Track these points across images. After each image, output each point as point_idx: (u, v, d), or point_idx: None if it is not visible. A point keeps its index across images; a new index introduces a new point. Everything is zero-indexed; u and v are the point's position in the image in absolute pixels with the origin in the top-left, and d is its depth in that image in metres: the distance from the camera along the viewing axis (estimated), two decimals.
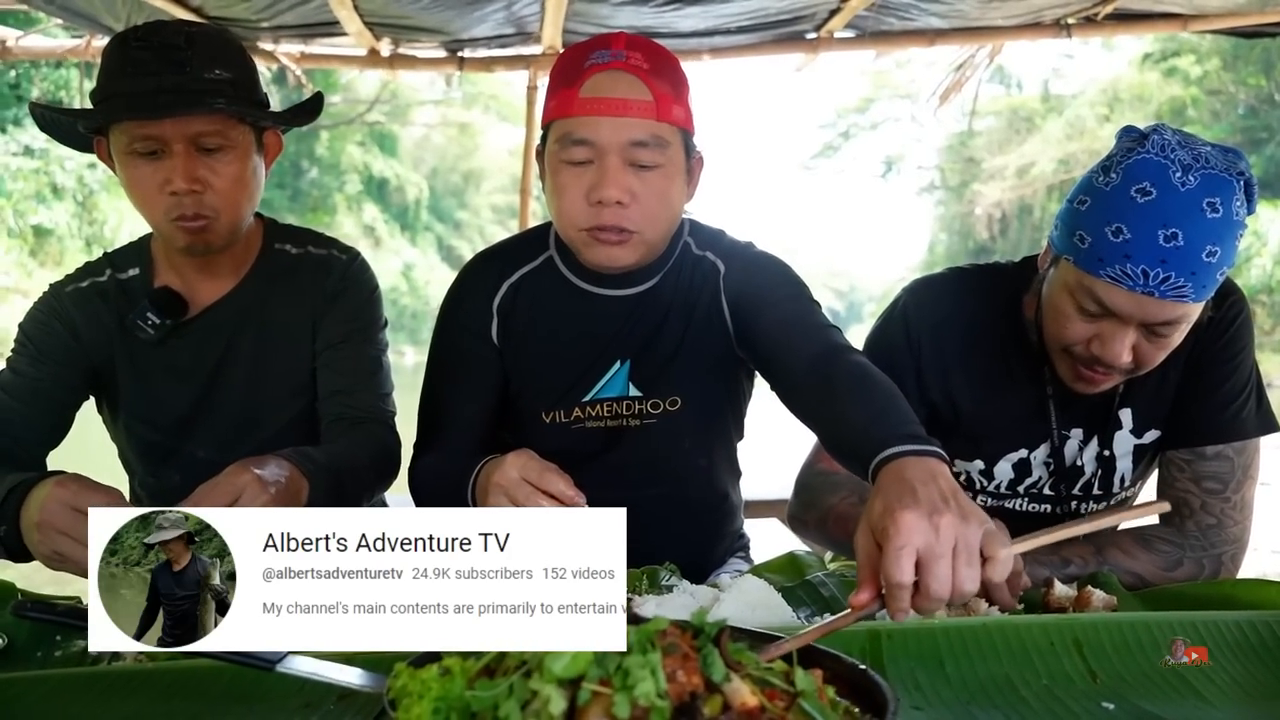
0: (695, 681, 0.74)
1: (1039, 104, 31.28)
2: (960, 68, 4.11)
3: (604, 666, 0.72)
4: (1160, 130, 1.39)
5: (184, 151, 1.51)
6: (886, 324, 1.71)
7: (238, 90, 1.55)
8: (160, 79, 1.47)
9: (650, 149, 1.46)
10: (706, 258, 1.68)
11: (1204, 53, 23.65)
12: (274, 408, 1.73)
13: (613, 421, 1.66)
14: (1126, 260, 1.34)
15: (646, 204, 1.49)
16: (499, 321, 1.68)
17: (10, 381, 1.61)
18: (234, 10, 3.38)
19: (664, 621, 0.78)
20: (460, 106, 32.47)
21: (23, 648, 1.15)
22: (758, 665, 0.84)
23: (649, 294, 1.65)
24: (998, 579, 1.00)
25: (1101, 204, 1.39)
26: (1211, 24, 3.61)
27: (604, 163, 1.46)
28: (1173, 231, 1.32)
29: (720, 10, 3.34)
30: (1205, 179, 1.33)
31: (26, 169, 19.90)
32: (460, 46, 3.90)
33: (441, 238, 34.39)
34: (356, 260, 1.79)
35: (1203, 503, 1.54)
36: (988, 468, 1.68)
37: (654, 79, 1.46)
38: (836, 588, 1.40)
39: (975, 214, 32.11)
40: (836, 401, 1.34)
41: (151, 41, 1.48)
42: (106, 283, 1.69)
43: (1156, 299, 1.35)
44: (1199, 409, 1.56)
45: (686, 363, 1.66)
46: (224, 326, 1.70)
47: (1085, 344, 1.46)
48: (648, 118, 1.45)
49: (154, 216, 1.57)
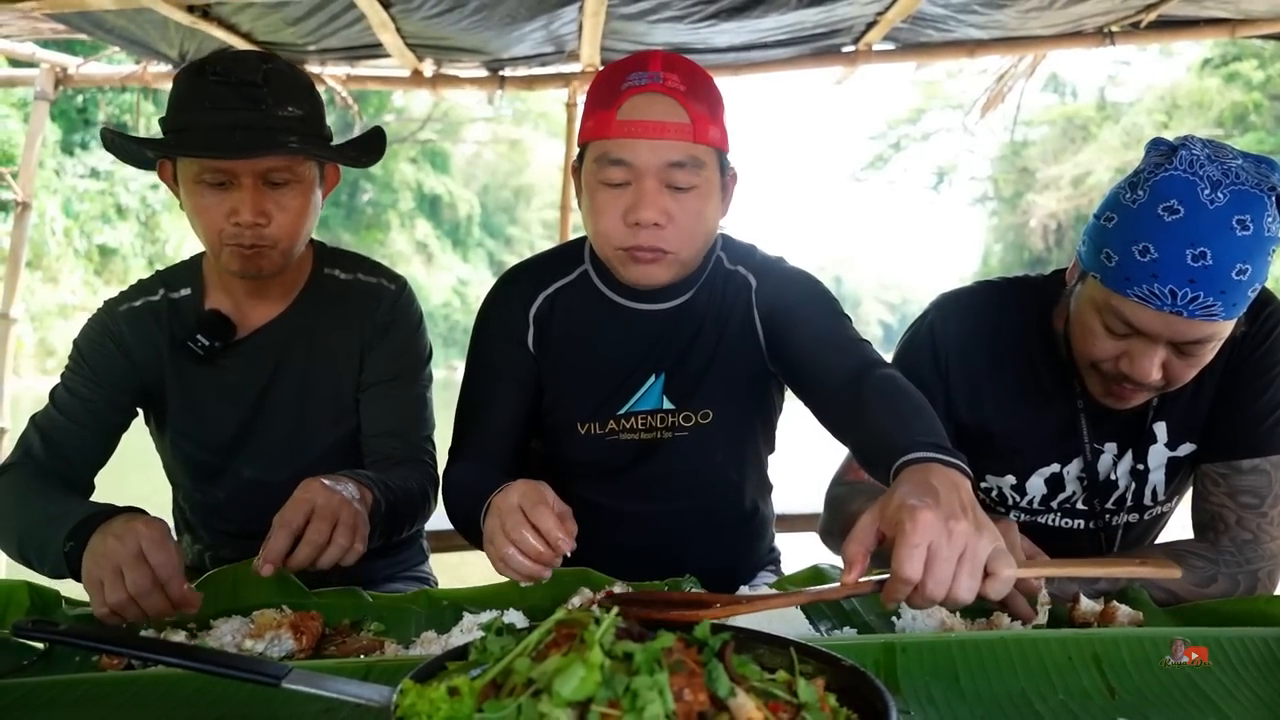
0: (702, 699, 0.74)
1: (1094, 112, 30.72)
2: (1002, 78, 4.07)
3: (612, 688, 0.73)
4: (1189, 144, 1.36)
5: (252, 185, 1.54)
6: (913, 340, 1.70)
7: (308, 127, 1.57)
8: (236, 115, 1.50)
9: (687, 170, 1.48)
10: (738, 272, 1.70)
11: (1267, 57, 23.04)
12: (319, 430, 1.76)
13: (647, 434, 1.68)
14: (1154, 280, 1.32)
15: (682, 224, 1.51)
16: (535, 331, 1.70)
17: (67, 403, 1.65)
18: (281, 35, 3.47)
19: (669, 638, 0.78)
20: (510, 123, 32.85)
21: (61, 654, 1.19)
22: (761, 678, 0.85)
23: (683, 308, 1.67)
24: (994, 596, 1.02)
25: (1129, 222, 1.36)
26: (1260, 29, 3.54)
27: (641, 185, 1.47)
28: (1201, 250, 1.29)
29: (756, 25, 3.35)
30: (1235, 195, 1.30)
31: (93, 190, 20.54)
32: (501, 65, 3.97)
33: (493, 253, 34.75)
34: (405, 291, 1.82)
35: (1238, 517, 1.51)
36: (1020, 483, 1.66)
37: (691, 101, 1.47)
38: (858, 601, 1.40)
39: (1030, 225, 31.59)
40: (867, 413, 1.35)
41: (229, 77, 1.50)
42: (159, 302, 1.72)
43: (1185, 318, 1.33)
44: (1235, 422, 1.53)
45: (718, 376, 1.67)
46: (273, 349, 1.73)
47: (1114, 361, 1.44)
48: (684, 140, 1.46)
49: (213, 241, 1.59)
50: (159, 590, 1.19)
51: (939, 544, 0.99)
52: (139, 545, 1.20)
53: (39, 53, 4.00)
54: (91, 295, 20.10)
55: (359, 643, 1.25)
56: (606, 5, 3.08)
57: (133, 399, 1.72)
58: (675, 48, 3.59)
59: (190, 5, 3.11)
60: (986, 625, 1.27)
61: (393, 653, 1.21)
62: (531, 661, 0.80)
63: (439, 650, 1.20)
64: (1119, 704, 1.05)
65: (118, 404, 1.69)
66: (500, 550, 1.25)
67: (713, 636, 0.84)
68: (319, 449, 1.75)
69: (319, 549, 1.28)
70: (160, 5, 3.00)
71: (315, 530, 1.28)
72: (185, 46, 3.61)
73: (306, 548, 1.27)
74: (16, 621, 1.00)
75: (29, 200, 4.14)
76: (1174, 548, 1.52)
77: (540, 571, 1.26)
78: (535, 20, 3.28)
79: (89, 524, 1.28)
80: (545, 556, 1.24)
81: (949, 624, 1.26)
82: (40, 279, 19.19)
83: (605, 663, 0.75)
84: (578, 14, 3.25)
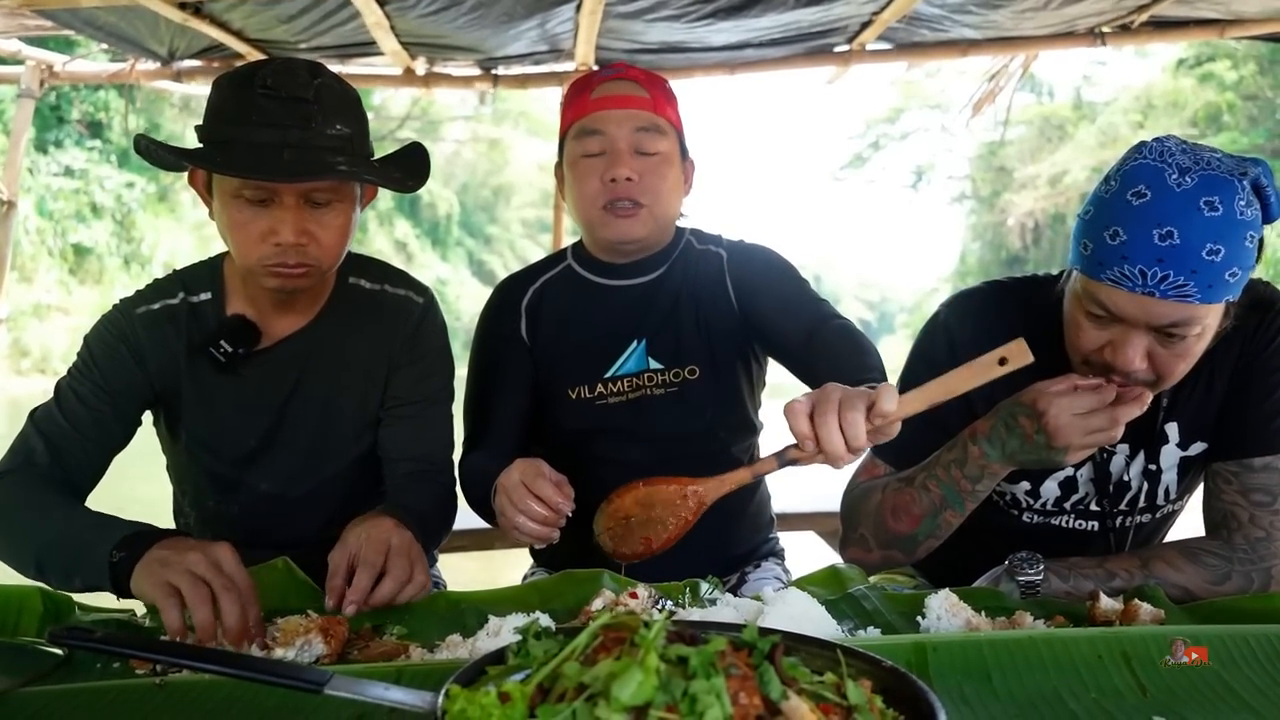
0: (756, 703, 0.74)
1: (1070, 112, 31.00)
2: (994, 77, 4.09)
3: (670, 693, 0.72)
4: (1164, 140, 1.39)
5: (295, 205, 1.48)
6: (930, 339, 1.71)
7: (355, 146, 1.51)
8: (285, 133, 1.43)
9: (651, 135, 1.76)
10: (710, 250, 1.92)
11: (1239, 58, 23.32)
12: (341, 444, 1.73)
13: (634, 394, 1.84)
14: (1124, 261, 1.34)
15: (651, 182, 1.76)
16: (527, 320, 1.91)
17: (73, 410, 1.58)
18: (274, 32, 3.44)
19: (722, 641, 0.78)
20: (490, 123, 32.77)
21: (81, 660, 1.17)
22: (810, 680, 0.84)
23: (658, 283, 1.87)
24: (887, 435, 1.24)
25: (1101, 211, 1.39)
26: (1249, 29, 3.58)
27: (615, 148, 1.74)
28: (1168, 230, 1.31)
29: (752, 24, 3.36)
30: (1204, 179, 1.32)
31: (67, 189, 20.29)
32: (494, 64, 3.95)
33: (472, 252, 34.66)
34: (433, 304, 1.79)
35: (1251, 515, 1.52)
36: (1034, 487, 1.67)
37: (649, 85, 1.79)
38: (879, 600, 1.40)
39: (1008, 224, 31.82)
40: (824, 362, 1.62)
41: (280, 91, 1.43)
42: (178, 305, 1.66)
43: (1158, 299, 1.34)
44: (1246, 420, 1.54)
45: (701, 337, 1.85)
46: (296, 360, 1.69)
47: (1099, 352, 1.45)
48: (646, 110, 1.76)
49: (248, 260, 1.53)
50: (241, 604, 1.18)
51: (818, 399, 1.21)
52: (220, 560, 1.21)
53: (24, 49, 3.94)
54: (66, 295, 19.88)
55: (383, 647, 1.24)
56: (604, 4, 3.07)
57: (141, 408, 1.68)
58: (671, 46, 3.60)
59: (182, 2, 3.08)
60: (1008, 624, 1.28)
61: (418, 657, 1.20)
62: (581, 666, 0.80)
63: (465, 654, 1.19)
64: (1152, 702, 1.05)
65: (126, 415, 1.64)
66: (511, 520, 1.45)
67: (761, 639, 0.84)
68: (339, 464, 1.73)
69: (401, 584, 1.34)
70: (152, 2, 2.97)
71: (399, 567, 1.35)
72: (175, 44, 3.57)
73: (391, 583, 1.33)
74: (52, 629, 0.99)
75: (14, 199, 4.08)
76: (1188, 545, 1.53)
77: (548, 533, 1.45)
78: (531, 19, 3.27)
79: (147, 538, 1.26)
80: (550, 519, 1.43)
81: (974, 623, 1.26)
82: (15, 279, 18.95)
83: (661, 667, 0.75)
84: (574, 13, 3.24)
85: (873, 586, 1.47)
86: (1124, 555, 1.54)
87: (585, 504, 1.73)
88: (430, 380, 1.76)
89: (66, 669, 1.15)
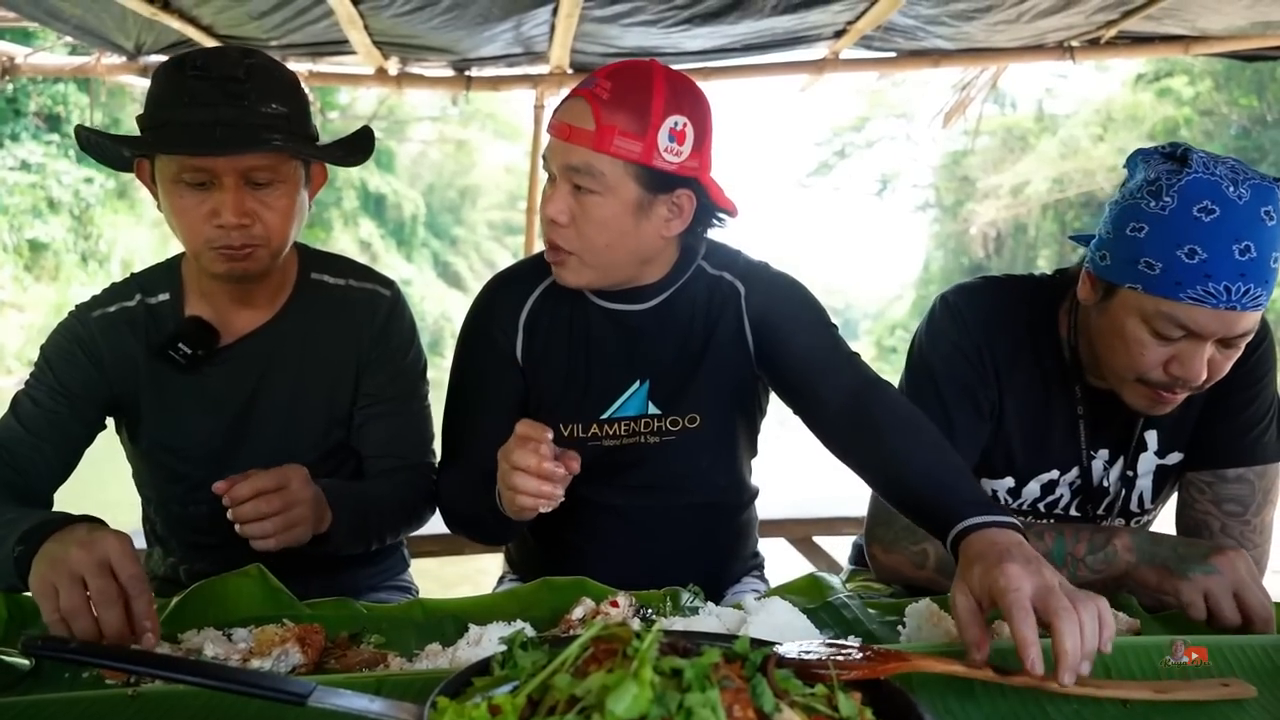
0: (750, 716, 0.74)
1: (1033, 123, 31.44)
2: (964, 88, 4.13)
3: (665, 705, 0.71)
4: (1190, 149, 1.40)
5: (234, 185, 1.47)
6: (942, 333, 1.65)
7: (292, 125, 1.51)
8: (217, 111, 1.43)
9: (583, 176, 1.48)
10: (724, 278, 1.69)
11: (1196, 73, 23.81)
12: (310, 440, 1.70)
13: (629, 439, 1.67)
14: (1208, 280, 1.34)
15: (583, 228, 1.51)
16: (524, 339, 1.69)
17: (28, 413, 1.57)
18: (244, 29, 3.39)
19: (716, 654, 0.77)
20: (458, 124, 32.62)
21: (50, 670, 1.14)
22: (802, 692, 0.84)
23: (661, 310, 1.66)
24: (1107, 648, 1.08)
25: (1164, 228, 1.37)
26: (1213, 47, 3.65)
27: (556, 181, 1.52)
28: (1246, 244, 1.32)
29: (728, 31, 3.36)
30: (1254, 190, 1.34)
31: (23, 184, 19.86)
32: (468, 65, 3.93)
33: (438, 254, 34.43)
34: (399, 298, 1.77)
35: (1223, 525, 1.55)
36: (1017, 486, 1.68)
37: (606, 110, 1.46)
38: (858, 609, 1.40)
39: (970, 232, 32.22)
40: (884, 445, 1.40)
41: (210, 72, 1.44)
42: (135, 308, 1.64)
43: (1239, 312, 1.36)
44: (1222, 432, 1.57)
45: (706, 382, 1.67)
46: (259, 357, 1.67)
47: (1162, 368, 1.43)
48: (584, 145, 1.46)
49: (194, 244, 1.53)
50: (121, 605, 1.13)
51: (1040, 587, 1.07)
52: (106, 555, 1.14)
53: None
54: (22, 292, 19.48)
55: (360, 656, 1.22)
56: (580, 7, 3.07)
57: (101, 411, 1.65)
58: (646, 51, 3.59)
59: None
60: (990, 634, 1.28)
61: (397, 666, 1.19)
62: (572, 678, 0.79)
63: (445, 663, 1.17)
64: (1132, 712, 1.06)
65: (84, 417, 1.61)
66: (509, 482, 1.31)
67: (754, 651, 0.83)
68: (308, 460, 1.68)
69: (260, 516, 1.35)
70: None
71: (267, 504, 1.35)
72: (143, 38, 3.51)
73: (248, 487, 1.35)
74: (25, 638, 0.96)
75: None
76: None
77: (552, 491, 1.31)
78: (507, 20, 3.25)
79: (43, 529, 1.21)
80: (545, 470, 1.29)
81: (955, 633, 1.26)
82: None
83: (656, 680, 0.74)
84: (550, 16, 3.23)
85: (852, 594, 1.47)
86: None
87: (564, 542, 1.75)
88: (404, 377, 1.75)
89: (34, 679, 1.12)
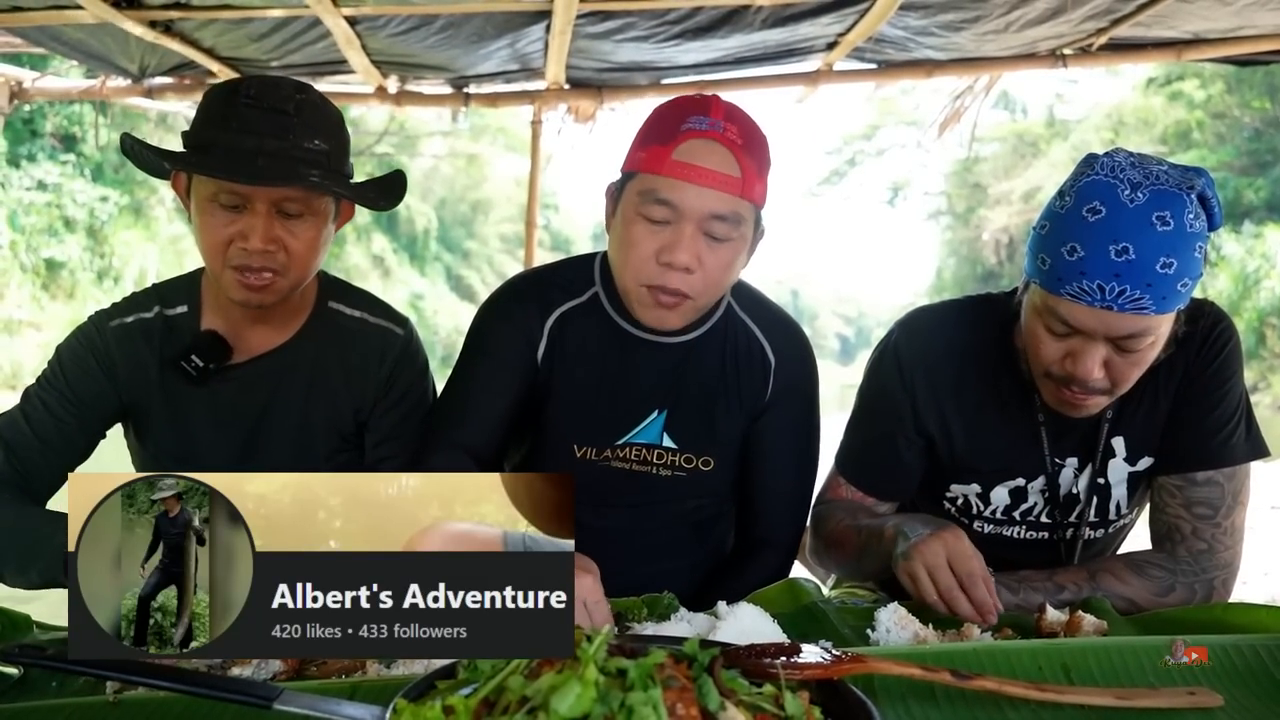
0: (694, 714, 0.76)
1: (1043, 129, 31.40)
2: (959, 97, 4.16)
3: (608, 704, 0.74)
4: (1114, 154, 1.44)
5: (266, 212, 1.51)
6: (880, 360, 1.75)
7: (331, 162, 1.55)
8: (261, 140, 1.47)
9: (727, 224, 1.50)
10: (756, 337, 1.73)
11: (1208, 77, 23.68)
12: (314, 463, 1.73)
13: (640, 467, 1.71)
14: (1082, 277, 1.38)
15: (710, 274, 1.53)
16: (548, 344, 1.69)
17: (37, 416, 1.61)
18: (245, 51, 3.45)
19: (661, 654, 0.80)
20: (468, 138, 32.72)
21: (38, 678, 1.17)
22: (749, 691, 0.87)
23: (692, 346, 1.69)
24: None
25: (1058, 226, 1.43)
26: (1206, 52, 3.65)
27: (681, 227, 1.49)
28: (1123, 246, 1.36)
29: (720, 45, 3.40)
30: (1155, 194, 1.37)
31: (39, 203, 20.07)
32: (466, 82, 3.98)
33: (450, 267, 34.53)
34: (413, 337, 1.79)
35: (1194, 528, 1.56)
36: (984, 492, 1.71)
37: (745, 155, 1.49)
38: (834, 615, 1.42)
39: (982, 239, 32.17)
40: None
41: (262, 101, 1.49)
42: (153, 319, 1.67)
43: (1116, 313, 1.39)
44: (1190, 435, 1.59)
45: (724, 429, 1.72)
46: (269, 378, 1.70)
47: (1060, 363, 1.49)
48: (732, 193, 1.48)
49: (216, 264, 1.56)
50: None
51: None
52: None
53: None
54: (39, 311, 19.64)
55: (340, 663, 1.25)
56: (573, 24, 3.11)
57: (107, 422, 1.68)
58: (640, 66, 3.64)
59: (152, 20, 3.09)
60: (957, 636, 1.30)
61: (374, 672, 1.21)
62: (525, 679, 0.82)
63: (421, 670, 1.20)
64: (1089, 714, 1.08)
65: (90, 428, 1.65)
66: None
67: (701, 651, 0.86)
68: None
69: None
70: (122, 20, 2.98)
71: None
72: (146, 61, 3.58)
73: None
74: (2, 646, 0.99)
75: None
76: (1133, 558, 1.57)
77: None
78: (502, 38, 3.30)
79: None
80: None
81: (922, 636, 1.29)
82: None
83: (600, 680, 0.77)
84: (544, 33, 3.27)
85: (828, 600, 1.49)
86: (1073, 568, 1.58)
87: None
88: (414, 417, 1.76)
89: (21, 688, 1.16)
